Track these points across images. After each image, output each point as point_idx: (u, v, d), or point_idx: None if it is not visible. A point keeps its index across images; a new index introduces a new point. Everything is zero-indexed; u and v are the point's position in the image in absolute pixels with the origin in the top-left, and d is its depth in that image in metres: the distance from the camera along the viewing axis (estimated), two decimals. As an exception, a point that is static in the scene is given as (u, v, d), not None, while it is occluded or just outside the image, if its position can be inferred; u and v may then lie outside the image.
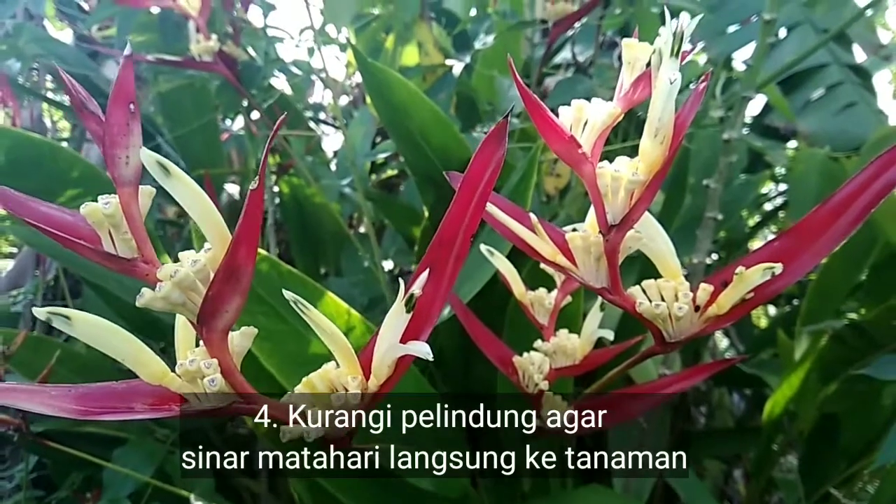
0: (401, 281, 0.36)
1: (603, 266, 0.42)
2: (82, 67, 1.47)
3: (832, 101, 1.54)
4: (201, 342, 0.35)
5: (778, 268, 0.39)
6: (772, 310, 1.85)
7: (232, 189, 1.66)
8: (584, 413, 0.65)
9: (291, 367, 0.78)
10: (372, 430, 0.81)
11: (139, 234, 0.33)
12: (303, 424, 0.37)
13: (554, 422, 0.64)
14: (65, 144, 2.02)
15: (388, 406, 0.86)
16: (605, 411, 0.64)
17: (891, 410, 1.16)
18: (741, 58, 1.62)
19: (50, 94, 1.72)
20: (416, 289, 0.35)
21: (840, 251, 1.08)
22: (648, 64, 0.38)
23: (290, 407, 0.39)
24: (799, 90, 1.55)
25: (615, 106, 0.39)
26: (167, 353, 1.19)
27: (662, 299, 0.43)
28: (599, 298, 0.60)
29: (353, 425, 0.40)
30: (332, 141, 1.65)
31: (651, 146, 0.37)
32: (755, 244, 1.80)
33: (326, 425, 0.38)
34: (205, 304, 0.33)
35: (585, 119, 0.39)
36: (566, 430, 0.65)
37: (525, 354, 0.64)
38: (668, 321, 0.43)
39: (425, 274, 0.35)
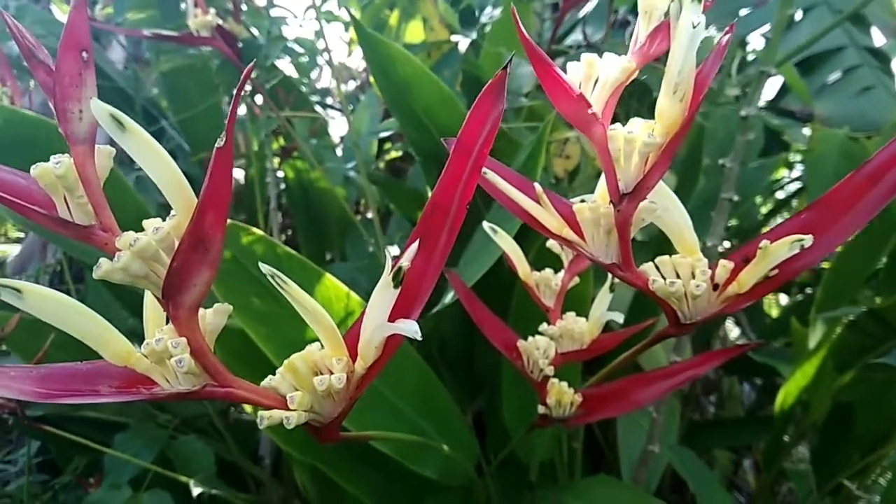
0: (388, 252, 0.32)
1: (613, 240, 0.38)
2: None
3: (849, 84, 1.49)
4: (170, 320, 0.32)
5: (808, 240, 0.35)
6: (783, 299, 1.80)
7: (238, 174, 1.63)
8: (591, 401, 0.61)
9: (289, 352, 0.74)
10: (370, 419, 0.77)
11: (96, 199, 0.30)
12: (283, 412, 0.34)
13: (560, 410, 0.60)
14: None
15: (390, 395, 0.82)
16: (613, 399, 0.60)
17: (908, 400, 1.11)
18: (754, 42, 1.56)
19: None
20: (405, 261, 0.31)
21: (857, 238, 1.03)
22: (667, 14, 0.34)
23: (269, 391, 0.35)
24: (815, 73, 1.49)
25: (629, 60, 0.35)
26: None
27: (678, 277, 0.39)
28: (609, 279, 0.56)
29: (340, 411, 0.36)
30: (337, 126, 1.61)
31: (669, 104, 0.33)
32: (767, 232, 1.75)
33: (310, 411, 0.34)
34: (169, 276, 0.29)
35: (596, 76, 0.35)
36: (573, 419, 0.61)
37: (530, 338, 0.60)
38: (683, 300, 0.39)
39: (415, 246, 0.31)
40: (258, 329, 0.73)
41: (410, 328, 0.29)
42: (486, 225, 0.54)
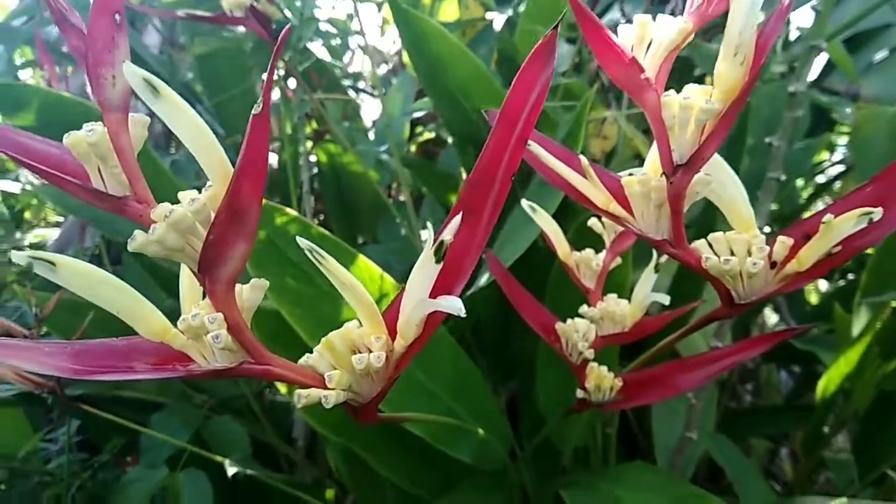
0: (429, 227, 0.30)
1: (665, 215, 0.36)
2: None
3: (896, 63, 1.43)
4: (207, 295, 0.30)
5: (877, 213, 0.32)
6: (823, 285, 1.75)
7: (272, 159, 1.62)
8: (631, 386, 0.59)
9: (323, 332, 0.73)
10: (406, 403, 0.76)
11: (130, 169, 0.28)
12: (321, 390, 0.32)
13: (600, 394, 0.58)
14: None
15: (424, 378, 0.81)
16: (653, 385, 0.58)
17: (956, 389, 1.07)
18: (798, 19, 1.50)
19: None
20: (448, 235, 0.29)
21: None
22: (726, -29, 0.32)
23: (307, 370, 0.33)
24: (861, 52, 1.43)
25: (686, 21, 0.32)
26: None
27: (732, 254, 0.37)
28: (654, 259, 0.54)
29: (379, 391, 0.35)
30: (370, 109, 1.59)
31: (729, 68, 0.31)
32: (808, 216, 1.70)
33: (348, 390, 0.33)
34: (205, 249, 0.28)
35: (649, 39, 0.33)
36: (612, 404, 0.59)
37: (569, 321, 0.58)
38: (738, 279, 0.37)
39: (457, 219, 0.30)
40: (293, 310, 0.73)
41: (454, 304, 0.27)
42: (524, 203, 0.52)
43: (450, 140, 0.80)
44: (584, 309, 0.55)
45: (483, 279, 0.83)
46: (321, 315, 0.74)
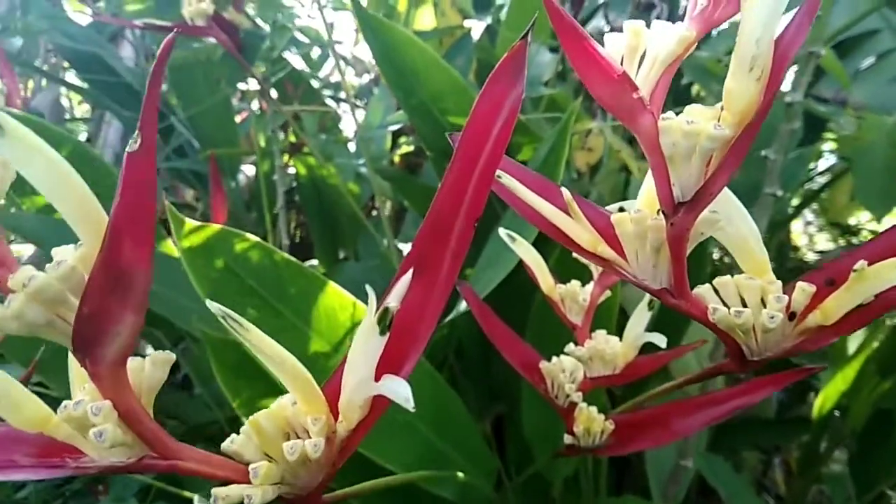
0: (370, 291, 0.23)
1: (664, 259, 0.29)
2: (92, 45, 1.36)
3: (884, 69, 1.37)
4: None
5: (926, 262, 0.26)
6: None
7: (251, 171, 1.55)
8: (624, 429, 0.52)
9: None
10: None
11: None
12: (244, 488, 0.25)
13: (589, 439, 0.52)
14: (83, 127, 1.93)
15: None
16: (649, 428, 0.52)
17: (956, 407, 1.01)
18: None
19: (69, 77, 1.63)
20: (394, 301, 0.22)
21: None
22: (737, -34, 0.25)
23: (229, 459, 0.27)
24: (848, 59, 1.37)
25: (687, 28, 0.26)
26: (183, 349, 1.09)
27: (744, 304, 0.30)
28: (648, 294, 0.47)
29: (321, 480, 0.28)
30: (351, 120, 1.53)
31: (742, 85, 0.24)
32: (796, 225, 1.64)
33: (280, 484, 0.26)
34: (79, 324, 0.21)
35: (643, 50, 0.26)
36: (603, 449, 0.53)
37: (554, 359, 0.51)
38: (751, 334, 0.30)
39: (406, 279, 0.23)
40: (256, 342, 0.65)
41: (400, 391, 0.21)
42: (502, 232, 0.45)
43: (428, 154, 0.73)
44: (570, 348, 0.48)
45: (463, 305, 0.77)
46: (286, 348, 0.67)
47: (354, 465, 0.73)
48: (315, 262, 1.45)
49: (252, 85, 1.10)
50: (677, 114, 0.26)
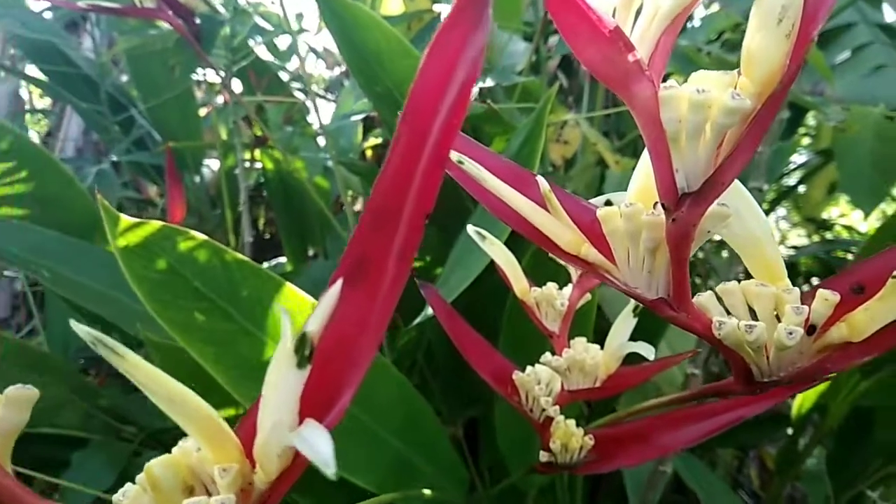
0: (281, 312, 0.17)
1: (661, 263, 0.23)
2: (51, 36, 1.27)
3: (860, 63, 1.34)
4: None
5: None
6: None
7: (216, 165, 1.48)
8: (605, 444, 0.47)
9: (243, 375, 0.60)
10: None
11: None
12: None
13: (567, 455, 0.46)
14: (44, 120, 1.84)
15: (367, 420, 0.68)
16: (632, 443, 0.46)
17: (935, 405, 0.98)
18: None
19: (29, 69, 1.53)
20: (314, 324, 0.17)
21: (886, 226, 0.89)
22: None
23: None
24: (825, 51, 1.34)
25: (697, -28, 0.20)
26: (139, 348, 1.02)
27: (754, 315, 0.25)
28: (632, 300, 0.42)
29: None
30: (321, 112, 1.45)
31: (768, 43, 0.19)
32: (770, 219, 1.61)
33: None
34: None
35: (639, 3, 0.21)
36: (582, 467, 0.47)
37: (529, 369, 0.45)
38: (762, 351, 0.25)
39: (335, 292, 0.17)
40: (204, 349, 0.59)
41: (319, 449, 0.15)
42: (470, 229, 0.39)
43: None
44: (547, 358, 0.43)
45: (430, 309, 0.71)
46: (240, 355, 0.60)
47: (312, 476, 0.67)
48: (283, 259, 1.38)
49: (214, 76, 1.03)
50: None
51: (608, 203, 0.26)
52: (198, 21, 0.84)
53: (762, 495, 1.40)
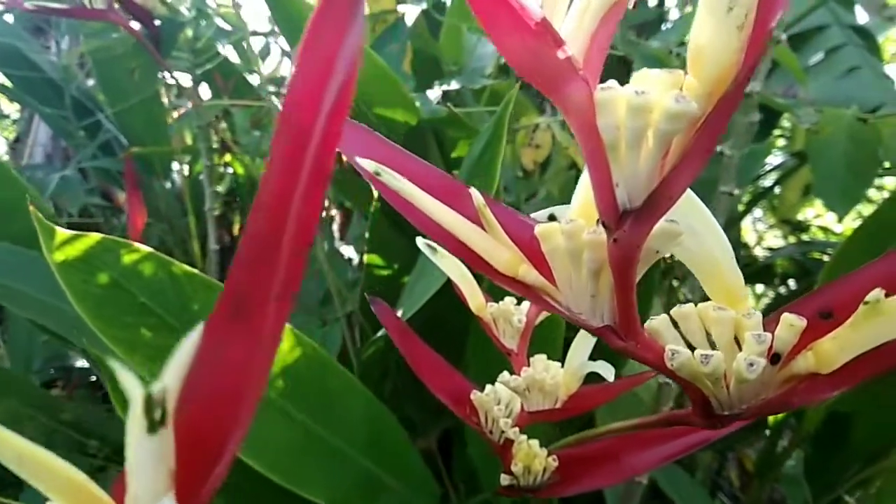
0: (130, 382, 0.14)
1: (606, 287, 0.21)
2: (15, 40, 1.23)
3: (833, 65, 1.33)
4: None
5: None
6: (760, 288, 1.65)
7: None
8: (570, 466, 0.44)
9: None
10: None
11: None
12: None
13: (530, 478, 0.43)
14: (13, 126, 1.78)
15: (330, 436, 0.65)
16: (599, 464, 0.44)
17: (911, 409, 0.97)
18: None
19: None
20: (170, 380, 0.13)
21: (861, 229, 0.87)
22: None
23: None
24: (798, 54, 1.33)
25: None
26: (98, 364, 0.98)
27: (711, 343, 0.22)
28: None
29: None
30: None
31: (717, 36, 0.16)
32: (745, 222, 1.59)
33: None
34: None
35: (571, -9, 0.18)
36: (546, 490, 0.45)
37: (489, 388, 0.42)
38: (721, 383, 0.22)
39: (195, 338, 0.14)
40: (152, 368, 0.55)
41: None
42: (420, 242, 0.36)
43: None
44: (505, 377, 0.40)
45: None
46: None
47: (274, 498, 0.64)
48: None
49: (181, 79, 0.99)
50: (623, 84, 0.17)
51: (552, 218, 0.23)
52: (157, 23, 0.80)
53: (742, 497, 1.39)
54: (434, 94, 0.64)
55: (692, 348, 0.23)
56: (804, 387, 0.22)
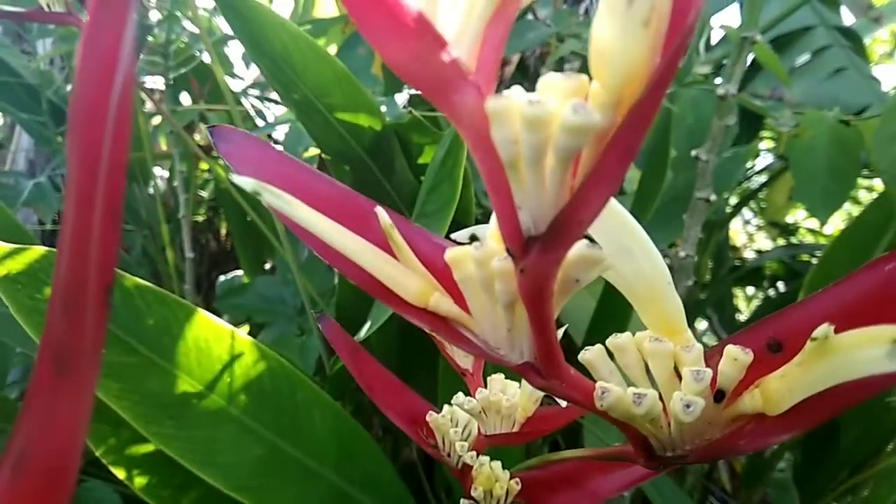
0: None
1: (520, 320, 0.18)
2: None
3: (820, 66, 1.31)
4: None
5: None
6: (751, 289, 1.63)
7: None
8: (533, 489, 0.42)
9: (152, 412, 0.54)
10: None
11: None
12: None
13: (491, 502, 0.41)
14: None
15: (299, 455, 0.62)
16: (563, 488, 0.41)
17: (900, 414, 0.94)
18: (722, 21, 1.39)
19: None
20: None
21: (846, 233, 0.85)
22: None
23: None
24: (783, 55, 1.30)
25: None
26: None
27: (650, 378, 0.20)
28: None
29: None
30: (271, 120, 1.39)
31: (618, 36, 0.13)
32: (734, 223, 1.57)
33: None
34: None
35: (461, -18, 0.15)
36: (507, 516, 0.42)
37: (446, 409, 0.40)
38: (660, 423, 0.19)
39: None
40: (107, 385, 0.53)
41: None
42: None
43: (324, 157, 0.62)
44: (459, 398, 0.37)
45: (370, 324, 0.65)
46: (147, 390, 0.54)
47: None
48: (240, 272, 1.32)
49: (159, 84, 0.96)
50: (528, 91, 0.15)
51: (473, 239, 0.20)
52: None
53: (733, 501, 1.36)
54: (402, 98, 0.61)
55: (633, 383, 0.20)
56: (752, 429, 0.19)
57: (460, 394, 0.37)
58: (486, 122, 0.14)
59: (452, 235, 0.21)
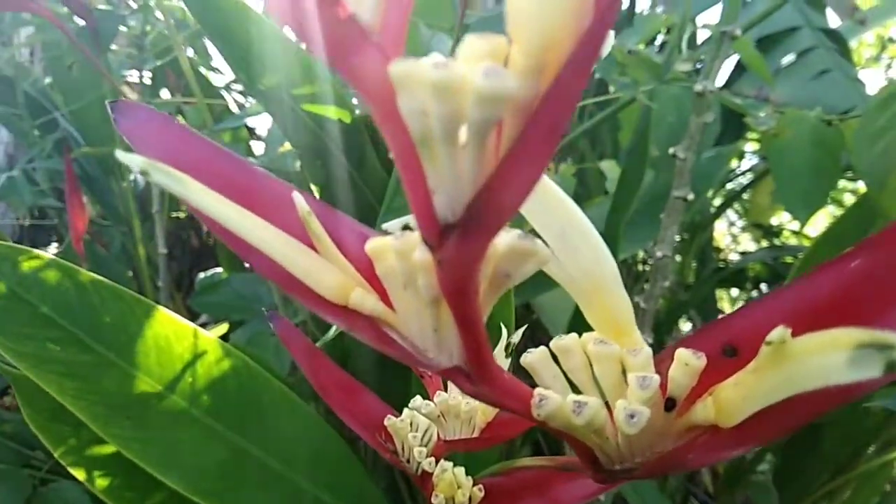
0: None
1: (447, 319, 0.16)
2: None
3: (804, 67, 1.30)
4: None
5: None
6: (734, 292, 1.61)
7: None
8: (496, 496, 0.40)
9: (110, 412, 0.51)
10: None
11: None
12: None
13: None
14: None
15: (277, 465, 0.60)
16: (527, 496, 0.39)
17: (881, 416, 0.93)
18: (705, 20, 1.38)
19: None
20: None
21: (829, 233, 0.83)
22: None
23: None
24: (768, 56, 1.29)
25: None
26: None
27: (597, 385, 0.18)
28: (504, 336, 0.34)
29: None
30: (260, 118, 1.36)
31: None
32: (719, 225, 1.55)
33: None
34: None
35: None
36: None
37: (406, 413, 0.38)
38: (606, 434, 0.17)
39: None
40: (62, 384, 0.50)
41: None
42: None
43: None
44: (417, 402, 0.35)
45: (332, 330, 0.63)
46: (104, 390, 0.52)
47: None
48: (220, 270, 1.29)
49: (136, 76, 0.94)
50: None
51: (406, 228, 0.18)
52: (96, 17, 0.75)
53: (715, 502, 1.35)
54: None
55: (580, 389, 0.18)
56: (705, 441, 0.17)
57: (418, 397, 0.35)
58: (392, 90, 0.12)
59: (384, 225, 0.19)
